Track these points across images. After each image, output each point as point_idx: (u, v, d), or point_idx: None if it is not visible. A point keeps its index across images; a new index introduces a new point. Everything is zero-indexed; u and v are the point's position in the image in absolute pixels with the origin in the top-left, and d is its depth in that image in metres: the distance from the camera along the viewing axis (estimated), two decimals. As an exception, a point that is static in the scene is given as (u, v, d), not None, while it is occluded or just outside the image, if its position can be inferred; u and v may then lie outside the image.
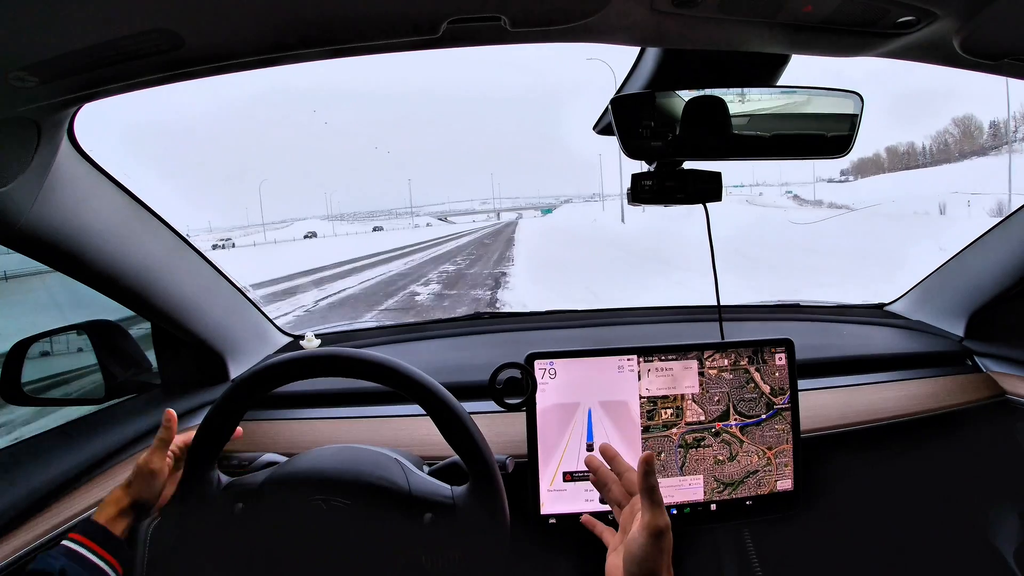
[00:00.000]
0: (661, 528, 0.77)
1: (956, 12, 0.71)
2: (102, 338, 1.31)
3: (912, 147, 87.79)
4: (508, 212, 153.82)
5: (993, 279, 1.48)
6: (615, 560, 0.82)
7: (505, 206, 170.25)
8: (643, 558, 0.77)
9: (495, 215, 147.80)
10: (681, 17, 0.73)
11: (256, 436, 1.32)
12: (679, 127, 1.03)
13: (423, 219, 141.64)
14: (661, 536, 0.77)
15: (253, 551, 0.95)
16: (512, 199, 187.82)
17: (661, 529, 0.77)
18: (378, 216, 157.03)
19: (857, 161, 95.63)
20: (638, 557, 0.77)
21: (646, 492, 0.79)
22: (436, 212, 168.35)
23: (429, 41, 0.75)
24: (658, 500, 0.79)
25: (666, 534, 0.78)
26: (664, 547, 0.77)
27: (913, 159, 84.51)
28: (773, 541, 1.38)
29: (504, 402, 1.16)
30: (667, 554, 0.78)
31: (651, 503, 0.79)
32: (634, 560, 0.78)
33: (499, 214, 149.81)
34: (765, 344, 1.24)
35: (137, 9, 0.62)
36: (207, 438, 0.96)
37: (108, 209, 1.07)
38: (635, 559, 0.78)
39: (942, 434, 1.42)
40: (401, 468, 0.98)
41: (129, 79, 0.77)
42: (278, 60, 0.78)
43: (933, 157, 79.17)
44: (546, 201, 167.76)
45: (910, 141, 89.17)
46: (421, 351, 1.74)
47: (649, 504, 0.79)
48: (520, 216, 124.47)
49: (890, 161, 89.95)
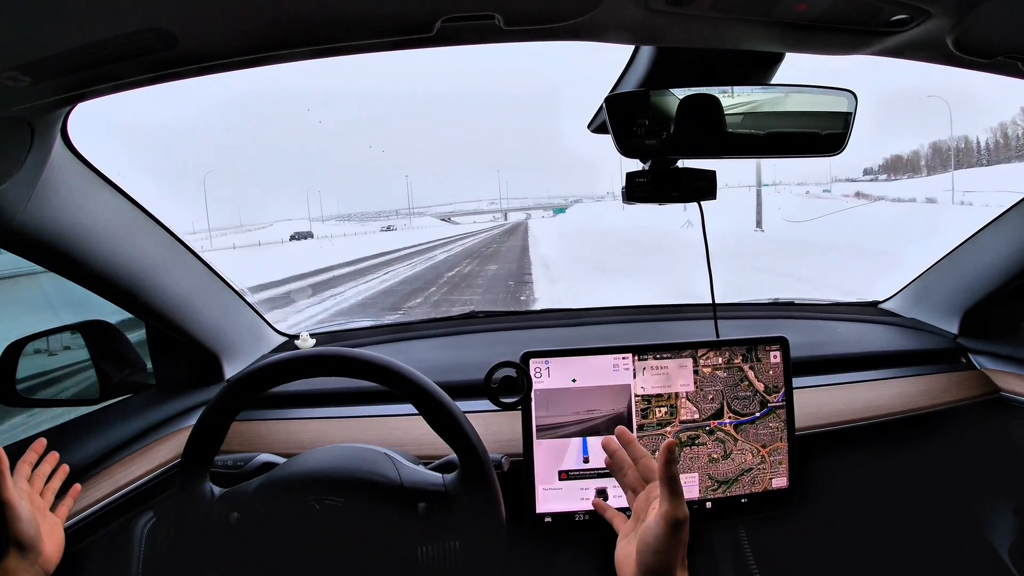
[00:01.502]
0: (680, 519, 0.75)
1: (949, 10, 0.71)
2: (96, 338, 1.30)
3: (967, 142, 78.84)
4: (516, 212, 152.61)
5: (987, 277, 1.48)
6: (626, 548, 0.81)
7: (513, 206, 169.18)
8: (658, 548, 0.75)
9: (502, 215, 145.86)
10: (675, 15, 0.73)
11: (250, 436, 1.32)
12: (673, 125, 1.03)
13: (424, 219, 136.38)
14: (679, 527, 0.75)
15: (251, 558, 0.95)
16: (520, 199, 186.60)
17: (680, 520, 0.75)
18: (367, 217, 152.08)
19: (891, 158, 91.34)
20: (653, 547, 0.76)
21: (666, 481, 0.77)
22: (442, 212, 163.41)
23: (423, 40, 0.75)
24: (678, 491, 0.77)
25: (684, 525, 0.76)
26: (681, 539, 0.76)
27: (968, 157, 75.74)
28: (769, 539, 1.39)
29: (500, 401, 1.16)
30: (683, 546, 0.76)
31: (671, 493, 0.76)
32: (649, 550, 0.76)
33: (506, 215, 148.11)
34: (759, 342, 1.25)
35: (131, 8, 0.62)
36: (202, 438, 0.96)
37: (102, 209, 1.07)
38: (650, 549, 0.76)
39: (937, 431, 1.43)
40: (391, 461, 0.98)
41: (123, 78, 0.77)
42: (272, 59, 0.77)
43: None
44: (555, 201, 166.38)
45: (962, 135, 79.45)
46: (416, 350, 1.74)
47: (669, 494, 0.76)
48: (529, 216, 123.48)
49: (937, 157, 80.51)
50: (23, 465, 0.97)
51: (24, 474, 0.96)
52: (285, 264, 22.33)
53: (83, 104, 0.86)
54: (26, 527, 0.88)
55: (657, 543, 0.75)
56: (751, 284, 9.64)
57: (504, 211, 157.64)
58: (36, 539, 0.88)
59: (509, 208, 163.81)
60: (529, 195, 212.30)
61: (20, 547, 0.87)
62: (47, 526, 0.92)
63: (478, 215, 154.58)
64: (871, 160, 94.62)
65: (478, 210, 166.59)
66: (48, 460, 1.00)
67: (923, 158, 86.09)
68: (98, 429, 1.18)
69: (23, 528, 0.87)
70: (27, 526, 0.88)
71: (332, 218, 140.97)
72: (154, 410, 1.29)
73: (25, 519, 0.88)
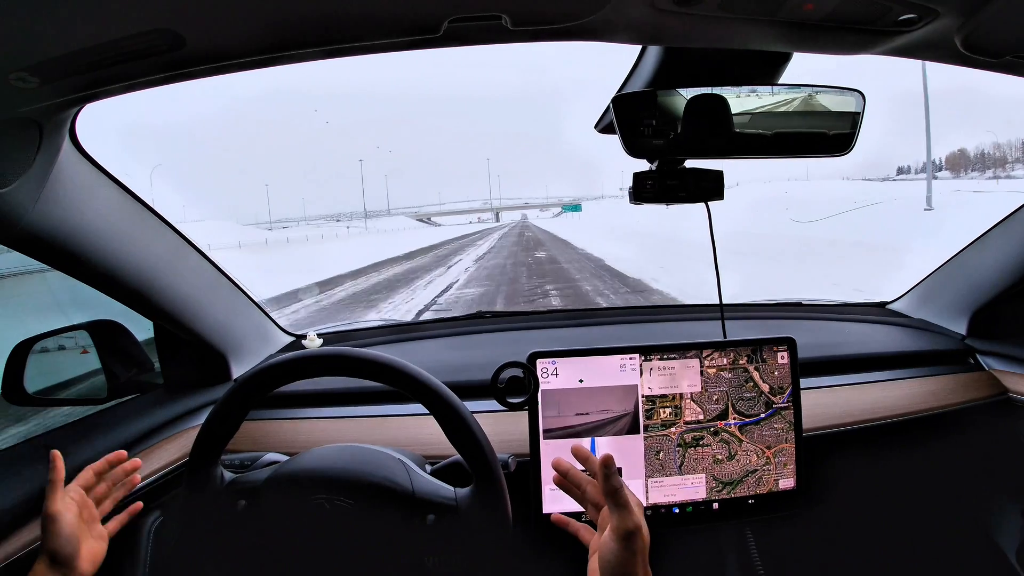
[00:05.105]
0: (630, 530, 0.76)
1: (957, 10, 0.71)
2: (105, 338, 1.31)
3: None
4: (510, 212, 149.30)
5: (995, 277, 1.48)
6: (594, 564, 0.81)
7: (506, 205, 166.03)
8: (616, 563, 0.76)
9: (494, 216, 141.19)
10: (682, 15, 0.72)
11: (257, 435, 1.32)
12: (680, 125, 1.03)
13: (396, 220, 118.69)
14: (631, 538, 0.76)
15: (255, 549, 0.95)
16: (513, 199, 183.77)
17: (630, 531, 0.76)
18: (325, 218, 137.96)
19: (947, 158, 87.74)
20: (612, 563, 0.76)
21: (609, 495, 0.77)
22: (426, 212, 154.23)
23: (430, 40, 0.75)
24: (622, 502, 0.77)
25: (636, 535, 0.76)
26: (636, 549, 0.76)
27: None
28: (775, 540, 1.38)
29: (506, 401, 1.16)
30: (640, 555, 0.77)
31: (616, 506, 0.77)
32: (608, 566, 0.77)
33: (498, 215, 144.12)
34: (767, 343, 1.24)
35: (139, 9, 0.63)
36: (209, 438, 0.96)
37: (110, 209, 1.07)
38: (609, 565, 0.76)
39: (944, 432, 1.42)
40: (404, 468, 0.98)
41: (131, 79, 0.78)
42: (279, 60, 0.78)
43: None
44: (551, 202, 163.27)
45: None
46: (423, 350, 1.74)
47: (615, 507, 0.77)
48: (524, 216, 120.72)
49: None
50: (88, 472, 0.95)
51: (86, 480, 0.94)
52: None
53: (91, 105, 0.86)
54: (64, 544, 0.85)
55: (613, 558, 0.76)
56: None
57: (496, 211, 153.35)
58: (72, 558, 0.86)
59: (502, 207, 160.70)
60: (523, 195, 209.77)
61: (54, 560, 0.85)
62: (90, 541, 0.90)
63: (463, 215, 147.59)
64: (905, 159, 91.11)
65: (470, 209, 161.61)
66: (124, 467, 0.98)
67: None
68: (105, 428, 1.19)
69: (60, 545, 0.85)
70: (65, 543, 0.85)
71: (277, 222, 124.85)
72: (161, 409, 1.29)
73: (65, 536, 0.86)
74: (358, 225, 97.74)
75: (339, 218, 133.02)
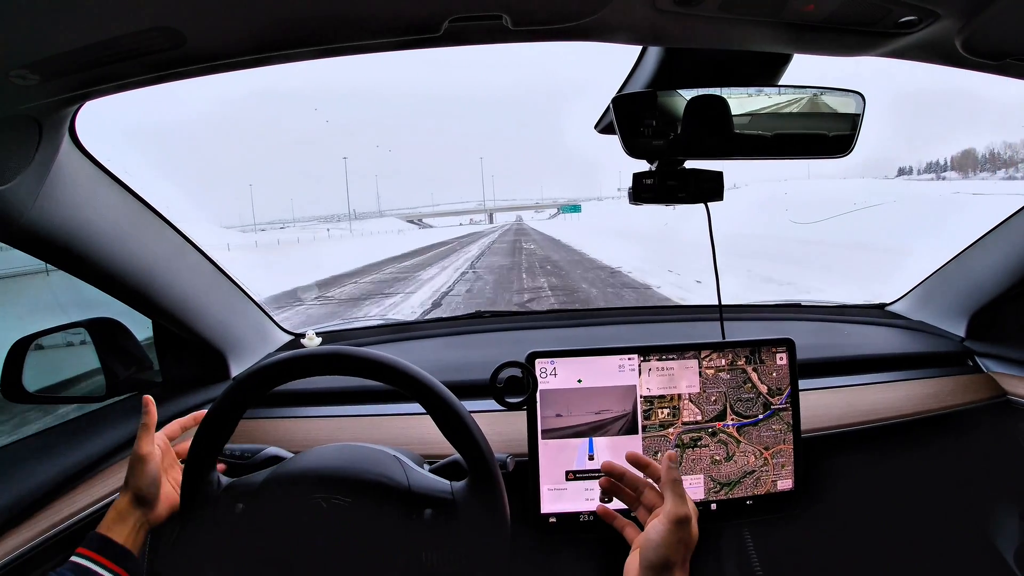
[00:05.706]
0: (682, 516, 0.79)
1: (957, 12, 0.71)
2: (103, 336, 1.31)
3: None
4: (504, 213, 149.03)
5: (994, 279, 1.48)
6: (635, 559, 0.83)
7: (501, 206, 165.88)
8: (660, 543, 0.78)
9: (487, 217, 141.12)
10: (683, 16, 0.72)
11: (256, 434, 1.32)
12: (680, 126, 1.03)
13: (385, 222, 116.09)
14: (682, 524, 0.79)
15: (254, 551, 0.95)
16: (508, 200, 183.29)
17: (685, 516, 0.79)
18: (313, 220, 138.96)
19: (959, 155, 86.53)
20: (655, 542, 0.79)
21: (669, 484, 0.82)
22: (423, 214, 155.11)
23: (430, 40, 0.75)
24: (680, 492, 0.81)
25: (687, 523, 0.79)
26: (683, 536, 0.79)
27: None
28: (773, 541, 1.38)
29: (505, 401, 1.16)
30: (685, 546, 0.79)
31: (673, 494, 0.81)
32: (651, 545, 0.79)
33: (492, 216, 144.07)
34: (765, 344, 1.24)
35: (139, 7, 0.62)
36: (207, 436, 0.96)
37: (109, 207, 1.07)
38: (652, 544, 0.79)
39: (943, 435, 1.43)
40: (400, 465, 0.98)
41: (131, 77, 0.77)
42: (280, 58, 0.78)
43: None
44: (546, 203, 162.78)
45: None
46: (422, 350, 1.74)
47: (672, 495, 0.81)
48: (519, 218, 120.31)
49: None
50: (175, 425, 1.08)
51: (172, 432, 1.06)
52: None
53: (91, 102, 0.86)
54: (148, 485, 0.96)
55: (659, 538, 0.79)
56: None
57: (490, 211, 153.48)
58: (153, 497, 0.96)
59: (496, 208, 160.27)
60: (518, 196, 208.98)
61: (137, 498, 0.95)
62: (168, 487, 1.00)
63: (457, 216, 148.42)
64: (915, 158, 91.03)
65: (464, 210, 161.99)
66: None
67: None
68: (104, 426, 1.19)
69: (146, 484, 0.95)
70: (150, 484, 0.96)
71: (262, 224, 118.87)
72: (160, 408, 1.29)
73: (151, 477, 0.96)
74: (343, 228, 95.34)
75: (334, 220, 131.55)
